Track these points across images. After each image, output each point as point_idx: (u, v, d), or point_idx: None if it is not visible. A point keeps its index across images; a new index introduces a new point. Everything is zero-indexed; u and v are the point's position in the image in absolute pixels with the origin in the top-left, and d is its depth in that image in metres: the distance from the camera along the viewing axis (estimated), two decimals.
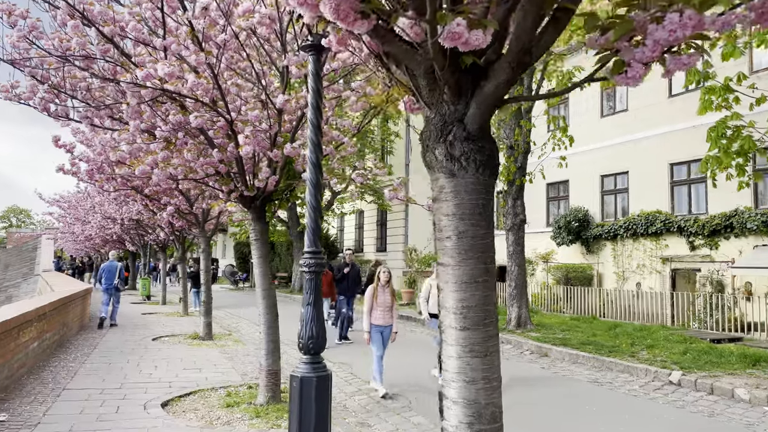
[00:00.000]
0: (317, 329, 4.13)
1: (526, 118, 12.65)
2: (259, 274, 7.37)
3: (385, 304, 7.93)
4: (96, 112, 6.95)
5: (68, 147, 11.15)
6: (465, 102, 2.16)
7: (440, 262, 2.29)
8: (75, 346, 11.23)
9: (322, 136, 4.34)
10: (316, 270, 4.16)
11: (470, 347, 2.18)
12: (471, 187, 2.16)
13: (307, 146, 4.21)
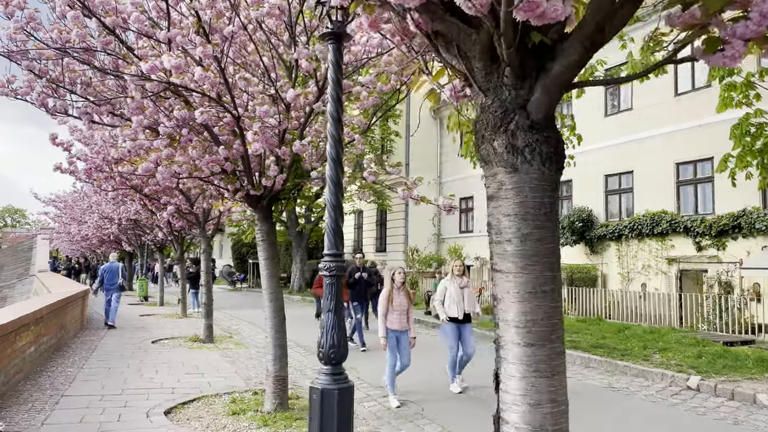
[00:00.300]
0: (338, 338, 3.85)
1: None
2: (266, 276, 7.10)
3: (401, 308, 7.53)
4: (96, 107, 6.67)
5: (66, 145, 10.87)
6: (529, 86, 1.90)
7: (497, 269, 2.03)
8: (73, 349, 10.94)
9: (342, 130, 4.08)
10: (337, 273, 3.88)
11: (535, 366, 1.92)
12: (535, 183, 1.91)
13: (328, 142, 3.94)
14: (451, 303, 8.03)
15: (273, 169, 6.49)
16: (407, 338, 7.62)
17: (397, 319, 7.51)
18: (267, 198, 7.02)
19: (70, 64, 6.43)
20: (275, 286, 7.13)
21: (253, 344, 12.60)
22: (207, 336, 12.34)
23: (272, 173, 6.51)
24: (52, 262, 37.25)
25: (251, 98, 6.50)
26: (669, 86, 17.66)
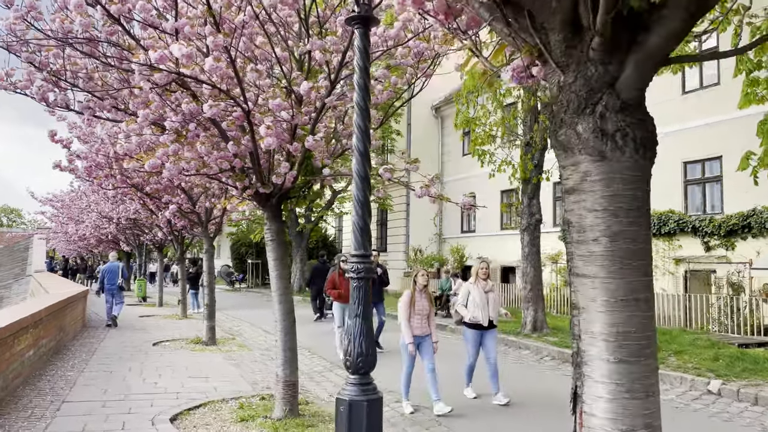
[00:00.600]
0: (367, 345, 3.58)
1: (544, 112, 12.13)
2: (276, 277, 6.83)
3: (423, 311, 7.10)
4: (99, 102, 6.40)
5: (65, 142, 10.59)
6: (619, 61, 1.64)
7: (580, 273, 1.77)
8: (72, 352, 10.65)
9: (370, 121, 3.81)
10: (365, 276, 3.61)
11: (628, 385, 1.66)
12: (628, 174, 1.65)
13: (354, 133, 3.68)
14: (475, 308, 7.47)
15: (284, 165, 6.23)
16: (430, 343, 7.20)
17: (419, 324, 7.10)
18: (277, 196, 6.76)
19: (71, 56, 6.17)
20: (285, 288, 6.87)
21: (257, 346, 12.33)
22: (209, 338, 12.06)
23: (283, 170, 6.24)
24: (49, 262, 36.87)
25: (261, 92, 6.24)
26: (676, 84, 17.41)
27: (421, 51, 6.10)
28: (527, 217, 12.77)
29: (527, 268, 12.92)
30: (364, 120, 3.70)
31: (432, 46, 6.16)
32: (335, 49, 5.94)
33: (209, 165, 5.95)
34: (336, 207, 29.24)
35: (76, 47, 5.86)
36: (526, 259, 12.98)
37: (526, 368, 10.05)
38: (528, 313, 12.77)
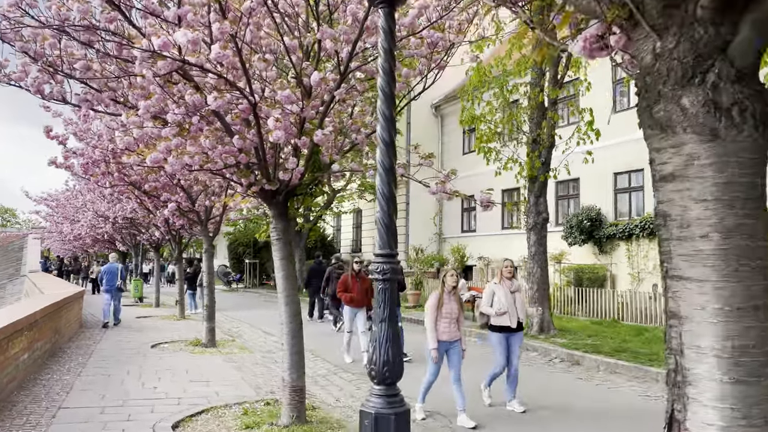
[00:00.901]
0: (393, 353, 3.29)
1: (552, 109, 11.89)
2: (282, 277, 6.54)
3: (451, 315, 6.53)
4: (97, 94, 6.10)
5: (61, 139, 10.30)
6: (732, 22, 1.36)
7: (681, 275, 1.50)
8: (68, 354, 10.34)
9: (395, 108, 3.52)
10: (390, 277, 3.32)
11: (745, 410, 1.39)
12: (746, 156, 1.38)
13: (378, 122, 3.39)
14: (501, 310, 7.00)
15: (291, 161, 5.94)
16: (458, 349, 6.67)
17: (447, 329, 6.53)
18: (283, 193, 6.47)
19: (68, 47, 5.88)
20: (292, 289, 6.58)
21: (258, 348, 12.03)
22: (209, 340, 11.76)
23: (290, 165, 5.95)
24: (44, 262, 36.48)
25: (267, 84, 5.96)
26: None
27: (435, 41, 5.82)
28: (534, 215, 12.51)
29: (534, 268, 12.65)
30: (389, 107, 3.41)
31: (446, 36, 5.89)
32: (346, 39, 5.66)
33: (214, 160, 5.66)
34: (335, 206, 28.94)
35: (73, 36, 5.58)
36: (532, 259, 12.72)
37: (536, 371, 9.77)
38: (534, 314, 12.49)
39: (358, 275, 10.53)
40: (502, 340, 7.05)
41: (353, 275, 10.57)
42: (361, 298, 10.35)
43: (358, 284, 10.38)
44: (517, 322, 7.06)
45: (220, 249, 44.53)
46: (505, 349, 7.05)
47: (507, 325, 7.00)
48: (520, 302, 7.14)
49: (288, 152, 6.55)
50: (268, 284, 33.22)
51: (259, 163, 6.21)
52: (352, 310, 10.43)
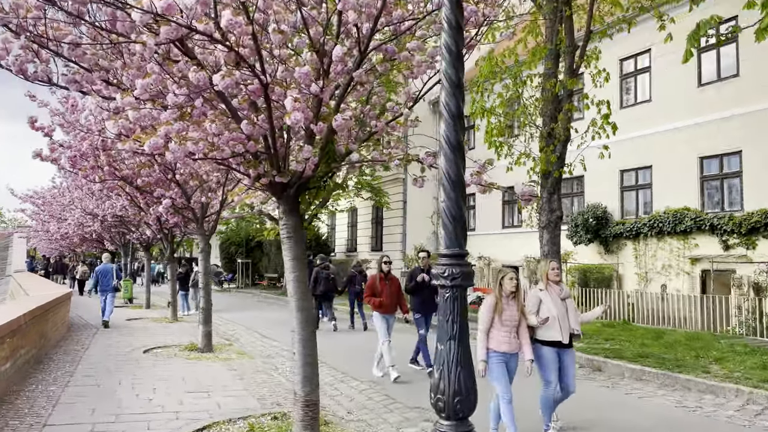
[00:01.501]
0: (466, 379, 2.63)
1: (568, 101, 11.30)
2: (293, 280, 5.89)
3: (511, 322, 5.61)
4: (87, 75, 5.43)
5: (47, 130, 9.62)
6: None
7: None
8: (55, 362, 9.63)
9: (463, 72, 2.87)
10: (462, 283, 2.66)
11: None
12: None
13: (442, 88, 2.75)
14: (552, 321, 5.82)
15: (306, 149, 5.29)
16: (516, 363, 5.75)
17: (506, 338, 5.58)
18: (295, 186, 5.83)
19: (55, 20, 5.22)
20: (304, 292, 5.93)
21: (258, 353, 11.37)
22: (205, 344, 11.08)
23: (305, 155, 5.31)
24: (30, 262, 35.55)
25: (281, 62, 5.31)
26: (692, 76, 16.68)
27: (468, 16, 5.20)
28: (547, 213, 11.91)
29: None
30: (457, 72, 2.76)
31: (481, 10, 5.28)
32: (367, 14, 5.04)
33: (220, 147, 5.00)
34: (330, 204, 28.26)
35: (60, 6, 4.91)
36: (545, 259, 12.11)
37: None
38: None
39: (387, 276, 9.47)
40: (553, 357, 5.88)
41: (382, 276, 9.43)
42: (392, 303, 9.32)
43: (388, 287, 9.32)
44: (569, 335, 5.93)
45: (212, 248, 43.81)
46: (557, 367, 5.90)
47: (557, 339, 5.84)
48: (572, 311, 6.03)
49: (300, 140, 5.93)
50: (260, 284, 32.51)
51: (269, 152, 5.57)
52: (382, 316, 9.23)
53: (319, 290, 15.28)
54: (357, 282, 15.52)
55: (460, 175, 2.73)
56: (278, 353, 11.52)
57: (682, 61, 7.84)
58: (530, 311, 5.92)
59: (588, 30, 11.48)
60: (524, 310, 5.80)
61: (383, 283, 9.36)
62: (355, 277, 15.80)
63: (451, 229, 2.66)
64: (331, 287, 15.65)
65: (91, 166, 10.19)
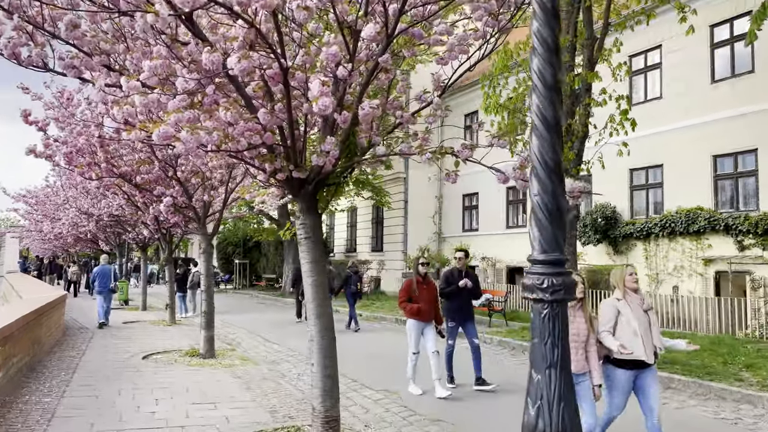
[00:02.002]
0: (571, 417, 2.11)
1: (586, 96, 10.84)
2: (311, 284, 5.41)
3: (577, 337, 4.81)
4: (86, 59, 4.93)
5: (41, 124, 9.12)
6: None
7: None
8: (49, 369, 9.10)
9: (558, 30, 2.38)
10: (564, 297, 2.13)
11: None
12: None
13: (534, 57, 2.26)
14: (633, 337, 4.89)
15: (328, 141, 4.80)
16: (588, 386, 4.97)
17: (572, 357, 4.45)
18: (313, 182, 5.36)
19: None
20: (323, 298, 5.45)
21: (262, 359, 10.86)
22: (207, 350, 10.57)
23: (327, 147, 4.82)
24: (22, 263, 34.89)
25: (300, 45, 4.83)
26: (704, 73, 16.27)
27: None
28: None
29: None
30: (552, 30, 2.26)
31: None
32: None
33: (236, 138, 4.51)
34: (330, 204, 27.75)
35: None
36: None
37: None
38: None
39: (424, 280, 8.46)
40: (630, 379, 5.02)
41: (419, 280, 8.41)
42: (430, 309, 8.28)
43: (425, 291, 8.31)
44: (653, 353, 5.04)
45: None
46: (629, 391, 5.10)
47: (640, 359, 4.90)
48: (655, 325, 5.14)
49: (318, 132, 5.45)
50: (258, 285, 31.98)
51: (284, 145, 5.09)
52: (418, 324, 8.27)
53: None
54: (352, 282, 15.94)
55: (558, 161, 2.25)
56: (283, 359, 11.03)
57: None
58: (605, 326, 4.99)
59: (606, 22, 11.04)
60: (593, 322, 5.01)
61: (421, 287, 8.36)
62: (350, 277, 16.09)
63: (548, 229, 2.15)
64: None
65: (88, 162, 9.69)
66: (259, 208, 7.86)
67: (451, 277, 8.75)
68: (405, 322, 8.64)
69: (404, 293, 8.40)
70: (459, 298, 8.59)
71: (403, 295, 8.42)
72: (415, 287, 8.30)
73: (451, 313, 8.63)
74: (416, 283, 8.35)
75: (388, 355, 11.34)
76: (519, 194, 22.86)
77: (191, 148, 4.21)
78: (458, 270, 8.82)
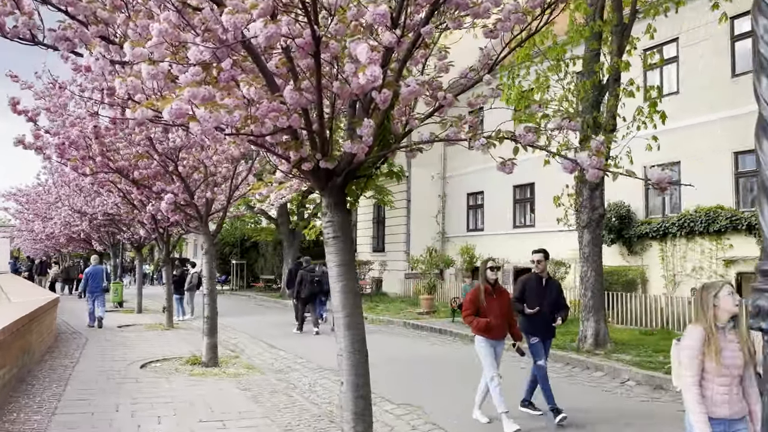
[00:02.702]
0: None
1: (615, 86, 10.20)
2: (340, 291, 4.70)
3: (732, 370, 3.53)
4: (80, 30, 4.23)
5: (30, 114, 8.41)
6: None
7: None
8: (40, 381, 8.37)
9: None
10: None
11: None
12: None
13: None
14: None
15: (366, 124, 4.11)
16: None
17: (726, 395, 3.53)
18: (343, 174, 4.66)
19: None
20: (354, 307, 4.74)
21: (268, 367, 10.16)
22: (210, 358, 9.86)
23: (365, 131, 4.12)
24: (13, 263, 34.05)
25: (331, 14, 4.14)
26: (725, 66, 15.67)
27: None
28: (588, 211, 10.82)
29: (588, 272, 10.98)
30: None
31: None
32: None
33: (259, 120, 3.81)
34: None
35: None
36: (586, 261, 11.05)
37: (618, 400, 8.08)
38: (588, 324, 10.81)
39: (494, 288, 6.91)
40: None
41: (488, 289, 6.84)
42: (502, 324, 6.79)
43: (496, 302, 6.77)
44: None
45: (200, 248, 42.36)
46: None
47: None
48: None
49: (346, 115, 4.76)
50: (256, 286, 31.23)
51: (309, 129, 4.39)
52: (489, 342, 6.73)
53: (304, 293, 15.12)
54: None
55: None
56: (290, 366, 10.33)
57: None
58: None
59: (633, 8, 10.40)
60: (751, 348, 3.68)
61: (490, 297, 6.79)
62: None
63: None
64: (317, 290, 15.32)
65: (82, 156, 8.98)
66: (260, 207, 7.19)
67: (529, 286, 7.15)
68: (415, 326, 7.85)
69: (470, 305, 6.82)
70: (542, 310, 6.98)
71: (469, 307, 6.82)
72: (482, 297, 6.75)
73: (531, 326, 7.06)
74: (484, 293, 6.80)
75: (402, 359, 10.69)
76: (526, 193, 22.22)
77: (208, 129, 3.50)
78: (538, 277, 7.19)
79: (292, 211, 27.03)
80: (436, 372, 9.75)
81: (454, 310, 15.90)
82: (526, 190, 22.20)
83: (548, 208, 20.76)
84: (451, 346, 12.76)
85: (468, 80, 4.65)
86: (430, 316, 17.25)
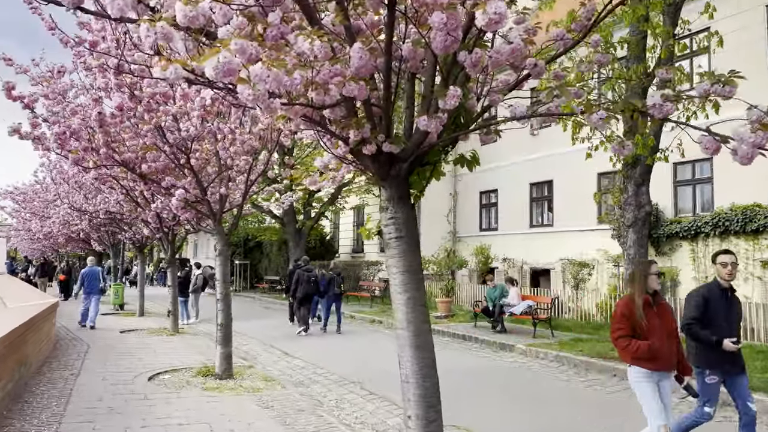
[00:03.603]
0: None
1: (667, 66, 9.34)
2: (405, 303, 3.84)
3: None
4: None
5: (27, 100, 7.58)
6: None
7: None
8: (37, 398, 7.47)
9: None
10: None
11: None
12: None
13: None
14: None
15: (452, 93, 3.25)
16: None
17: None
18: (408, 161, 3.80)
19: None
20: (421, 322, 3.88)
21: (288, 379, 9.30)
22: (225, 369, 9.00)
23: (448, 104, 3.27)
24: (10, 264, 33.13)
25: None
26: (761, 55, 14.83)
27: None
28: (634, 209, 9.96)
29: None
30: None
31: None
32: None
33: (324, 86, 2.95)
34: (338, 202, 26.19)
35: None
36: (631, 263, 10.18)
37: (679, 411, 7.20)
38: None
39: (655, 300, 4.86)
40: None
41: (648, 301, 4.81)
42: (670, 351, 4.84)
43: (658, 320, 4.78)
44: None
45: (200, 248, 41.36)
46: None
47: None
48: None
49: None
50: (260, 287, 30.33)
51: (367, 105, 3.53)
52: (652, 377, 4.82)
53: (300, 292, 15.03)
54: (336, 284, 15.45)
55: None
56: (311, 378, 9.47)
57: None
58: None
59: None
60: None
61: (651, 312, 4.80)
62: (333, 279, 15.56)
63: None
64: (313, 290, 15.21)
65: (84, 147, 8.12)
66: (269, 207, 6.36)
67: (713, 303, 5.23)
68: (435, 332, 6.66)
69: (624, 321, 4.77)
70: (719, 332, 5.11)
71: (622, 323, 4.78)
72: (641, 312, 4.74)
73: (709, 358, 5.20)
74: (643, 308, 4.77)
75: None
76: (544, 191, 21.37)
77: (261, 95, 2.63)
78: (723, 290, 5.31)
79: (299, 209, 26.16)
80: (481, 387, 8.90)
81: (476, 315, 15.05)
82: (543, 187, 21.35)
83: (568, 206, 19.97)
84: (481, 353, 11.88)
85: (565, 42, 3.78)
86: (449, 320, 16.40)
